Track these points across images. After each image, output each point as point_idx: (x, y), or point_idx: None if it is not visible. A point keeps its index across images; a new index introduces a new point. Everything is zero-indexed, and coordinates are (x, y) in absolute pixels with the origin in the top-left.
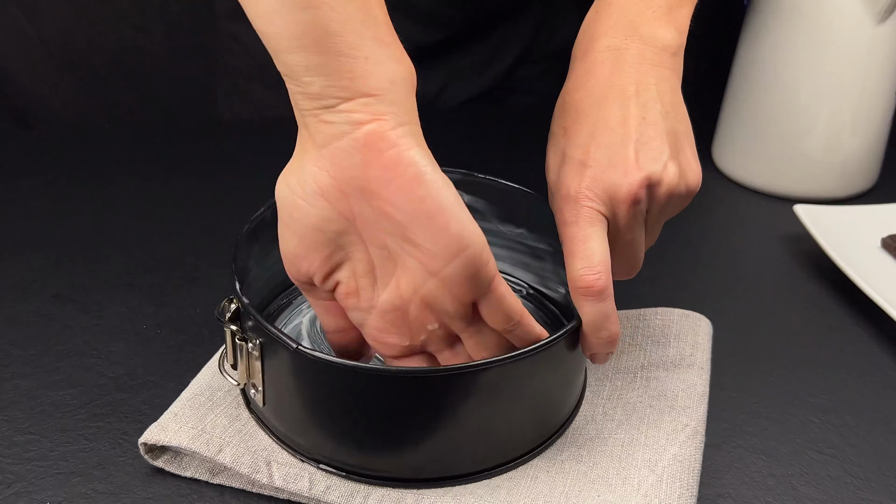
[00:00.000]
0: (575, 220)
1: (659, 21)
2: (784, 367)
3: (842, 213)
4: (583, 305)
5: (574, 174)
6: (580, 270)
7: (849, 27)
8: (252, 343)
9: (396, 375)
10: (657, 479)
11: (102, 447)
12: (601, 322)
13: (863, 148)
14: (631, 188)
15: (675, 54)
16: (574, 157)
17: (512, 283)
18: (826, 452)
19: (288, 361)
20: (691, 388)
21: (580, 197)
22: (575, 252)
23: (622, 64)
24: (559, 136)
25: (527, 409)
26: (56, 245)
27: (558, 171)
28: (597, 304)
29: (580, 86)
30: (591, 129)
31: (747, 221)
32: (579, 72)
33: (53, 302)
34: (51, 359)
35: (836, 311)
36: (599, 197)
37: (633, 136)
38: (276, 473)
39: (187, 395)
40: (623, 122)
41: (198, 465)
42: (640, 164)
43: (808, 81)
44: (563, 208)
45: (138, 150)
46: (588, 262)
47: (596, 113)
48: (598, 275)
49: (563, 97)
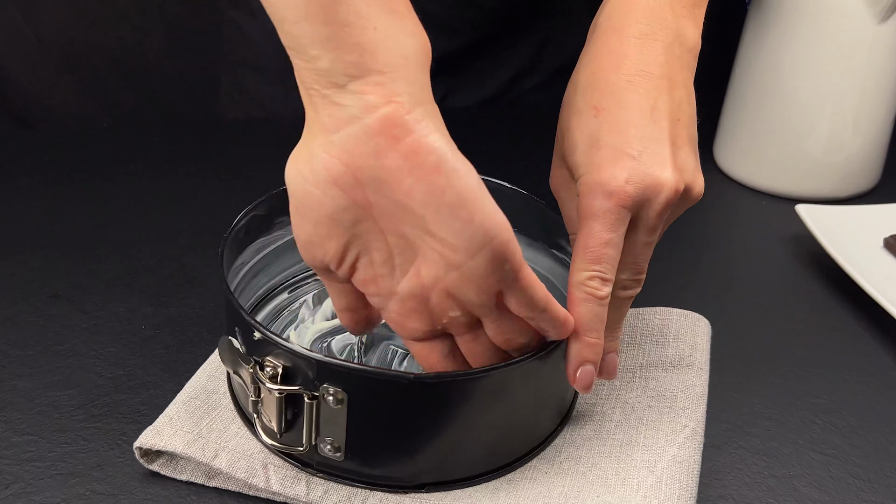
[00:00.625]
0: (604, 215)
1: (686, 18)
2: (785, 368)
3: (844, 213)
4: (579, 306)
5: (612, 161)
6: (592, 274)
7: (850, 26)
8: (330, 396)
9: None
10: (656, 480)
11: (101, 448)
12: (594, 326)
13: (865, 147)
14: (676, 188)
15: (695, 56)
16: (611, 143)
17: None
18: (828, 453)
19: (394, 396)
20: (690, 388)
21: (619, 192)
22: (590, 249)
23: (655, 54)
24: (589, 115)
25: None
26: (54, 245)
27: (588, 153)
28: (596, 307)
29: (614, 66)
30: (628, 117)
31: (748, 221)
32: (611, 51)
33: (52, 302)
34: (49, 359)
35: (837, 311)
36: (638, 193)
37: (668, 136)
38: (273, 477)
39: (182, 399)
40: (659, 119)
41: (193, 469)
42: (678, 166)
43: (809, 81)
44: (593, 196)
45: (137, 149)
46: (604, 266)
47: (632, 99)
48: (608, 283)
49: (594, 74)
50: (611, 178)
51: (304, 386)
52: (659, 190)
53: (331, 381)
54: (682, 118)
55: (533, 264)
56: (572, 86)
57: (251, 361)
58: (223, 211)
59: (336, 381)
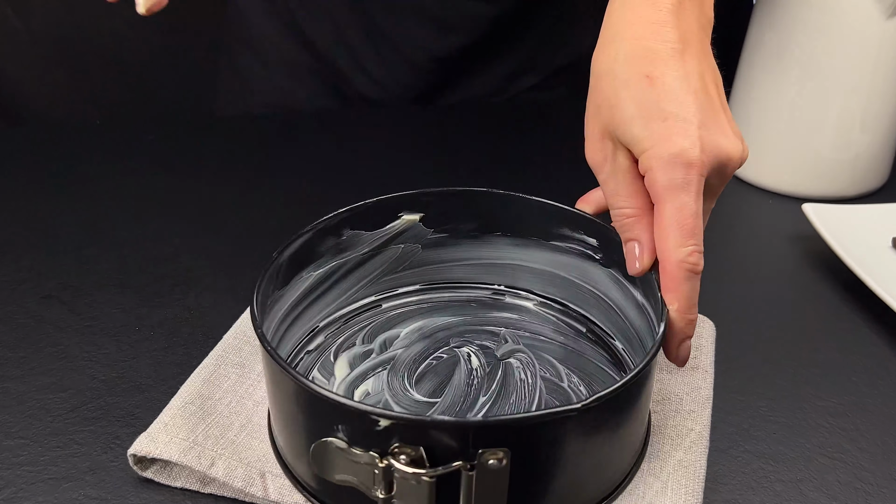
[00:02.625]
0: (688, 186)
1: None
2: (792, 370)
3: (852, 212)
4: (682, 284)
5: (681, 132)
6: (691, 247)
7: (858, 22)
8: (492, 460)
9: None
10: (662, 486)
11: (94, 452)
12: (694, 300)
13: (873, 145)
14: (742, 155)
15: (709, 35)
16: (674, 112)
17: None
18: (836, 457)
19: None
20: (695, 391)
21: (697, 163)
22: (684, 224)
23: (690, 23)
24: (641, 85)
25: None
26: (46, 245)
27: (649, 125)
28: (697, 282)
29: (656, 35)
30: (683, 85)
31: (754, 221)
32: (649, 20)
33: (43, 303)
34: (41, 361)
35: (845, 312)
36: (713, 162)
37: (720, 103)
38: (271, 486)
39: (177, 404)
40: (708, 86)
41: (188, 476)
42: (736, 132)
43: (816, 77)
44: (672, 169)
45: (131, 146)
46: (698, 238)
47: (681, 67)
48: (702, 255)
49: (637, 42)
50: (687, 149)
51: (462, 458)
52: (729, 157)
53: (490, 442)
54: (720, 85)
55: (530, 263)
56: (609, 56)
57: (377, 456)
58: (220, 209)
59: (496, 440)
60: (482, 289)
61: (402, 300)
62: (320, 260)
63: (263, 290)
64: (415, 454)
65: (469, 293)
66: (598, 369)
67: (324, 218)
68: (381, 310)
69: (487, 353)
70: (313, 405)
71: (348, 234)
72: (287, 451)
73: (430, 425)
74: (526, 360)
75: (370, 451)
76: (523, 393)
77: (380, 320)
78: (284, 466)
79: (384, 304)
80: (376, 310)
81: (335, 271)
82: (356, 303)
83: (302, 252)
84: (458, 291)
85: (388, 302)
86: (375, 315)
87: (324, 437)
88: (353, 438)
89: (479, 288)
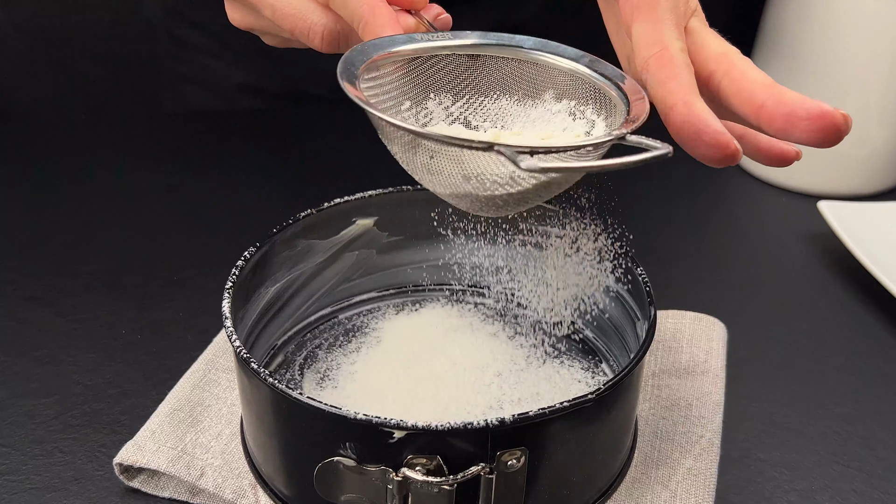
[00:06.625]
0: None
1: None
2: (806, 375)
3: (868, 210)
4: (683, 71)
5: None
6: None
7: (875, 13)
8: (513, 460)
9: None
10: (671, 495)
11: (79, 460)
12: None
13: (891, 141)
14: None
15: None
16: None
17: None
18: (851, 466)
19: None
20: (705, 396)
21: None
22: (678, 23)
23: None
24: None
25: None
26: (30, 244)
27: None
28: (692, 77)
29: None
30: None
31: (768, 219)
32: None
33: (27, 304)
34: (24, 365)
35: (861, 313)
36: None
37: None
38: (263, 499)
39: (165, 410)
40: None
41: (176, 486)
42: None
43: (831, 70)
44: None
45: (118, 143)
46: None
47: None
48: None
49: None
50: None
51: (480, 462)
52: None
53: (508, 443)
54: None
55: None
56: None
57: (391, 470)
58: (210, 208)
59: (513, 441)
60: (441, 290)
61: (358, 309)
62: (277, 274)
63: (233, 309)
64: (431, 463)
65: (427, 295)
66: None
67: (274, 230)
68: (338, 321)
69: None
70: (319, 425)
71: (302, 244)
72: (280, 477)
73: (447, 433)
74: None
75: (385, 464)
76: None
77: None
78: (272, 493)
79: (340, 316)
80: (333, 321)
81: (290, 285)
82: (312, 316)
83: (259, 267)
84: (416, 295)
85: (343, 313)
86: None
87: (329, 458)
88: (362, 455)
89: (437, 290)
